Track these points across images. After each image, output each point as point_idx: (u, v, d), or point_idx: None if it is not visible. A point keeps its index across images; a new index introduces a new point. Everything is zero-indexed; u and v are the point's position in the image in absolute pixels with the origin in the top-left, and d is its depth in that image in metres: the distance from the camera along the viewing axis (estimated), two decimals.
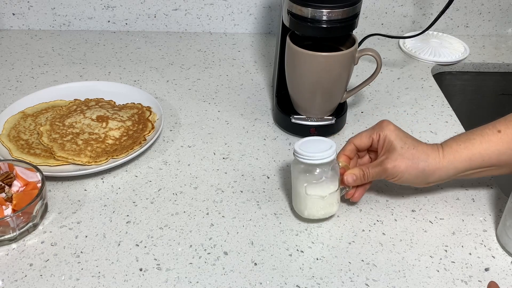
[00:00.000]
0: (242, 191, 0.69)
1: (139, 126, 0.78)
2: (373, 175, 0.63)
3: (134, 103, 0.84)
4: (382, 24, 1.11)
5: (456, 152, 0.60)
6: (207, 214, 0.65)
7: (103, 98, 0.84)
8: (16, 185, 0.62)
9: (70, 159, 0.70)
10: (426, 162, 0.60)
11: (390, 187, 0.70)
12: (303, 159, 0.60)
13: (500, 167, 0.61)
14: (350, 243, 0.62)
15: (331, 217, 0.65)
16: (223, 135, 0.80)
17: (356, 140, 0.65)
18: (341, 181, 0.63)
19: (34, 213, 0.61)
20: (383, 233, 0.63)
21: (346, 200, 0.67)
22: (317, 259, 0.59)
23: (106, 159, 0.71)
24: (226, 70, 0.98)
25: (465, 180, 0.72)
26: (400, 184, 0.68)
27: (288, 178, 0.71)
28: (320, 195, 0.61)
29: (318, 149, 0.60)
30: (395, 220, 0.65)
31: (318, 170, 0.61)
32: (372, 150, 0.66)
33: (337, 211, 0.64)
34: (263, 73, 0.97)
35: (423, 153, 0.61)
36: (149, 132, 0.77)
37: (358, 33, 0.82)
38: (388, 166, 0.61)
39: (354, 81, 0.90)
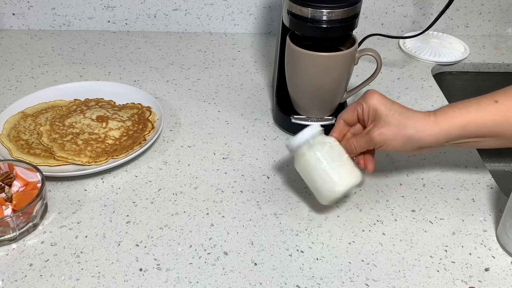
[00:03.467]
0: (242, 191, 0.69)
1: (139, 126, 0.78)
2: (361, 145, 0.62)
3: (134, 103, 0.84)
4: (382, 24, 1.11)
5: (450, 118, 0.58)
6: (207, 214, 0.65)
7: (103, 98, 0.84)
8: (16, 185, 0.62)
9: (70, 159, 0.70)
10: (414, 128, 0.59)
11: (390, 187, 0.70)
12: (297, 140, 0.61)
13: (494, 138, 0.59)
14: (350, 243, 0.62)
15: (331, 216, 0.65)
16: (223, 135, 0.80)
17: (344, 115, 0.65)
18: None
19: (34, 213, 0.61)
20: (383, 233, 0.63)
21: (347, 200, 0.67)
22: (317, 259, 0.59)
23: (106, 159, 0.71)
24: (226, 70, 0.98)
25: (465, 180, 0.72)
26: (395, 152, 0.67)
27: (288, 178, 0.71)
28: (339, 158, 0.60)
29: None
30: (395, 220, 0.65)
31: (320, 139, 0.61)
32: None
33: (362, 179, 0.63)
34: (263, 73, 0.97)
35: (411, 119, 0.59)
36: (149, 132, 0.77)
37: (358, 33, 0.82)
38: (374, 134, 0.60)
39: (354, 81, 0.90)
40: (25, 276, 0.56)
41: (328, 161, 0.60)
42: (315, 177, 0.61)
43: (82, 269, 0.57)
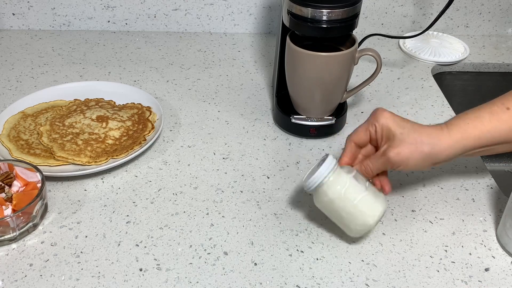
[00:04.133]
0: (242, 191, 0.69)
1: (139, 126, 0.78)
2: (378, 167, 0.60)
3: (134, 103, 0.84)
4: (382, 24, 1.11)
5: (464, 131, 0.57)
6: (207, 214, 0.65)
7: (103, 98, 0.84)
8: (16, 185, 0.62)
9: (70, 159, 0.70)
10: (430, 144, 0.57)
11: None
12: (315, 181, 0.57)
13: (508, 144, 0.58)
14: (350, 243, 0.62)
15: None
16: (223, 135, 0.80)
17: (355, 137, 0.62)
18: None
19: (34, 213, 0.61)
20: (383, 233, 0.63)
21: None
22: (317, 259, 0.59)
23: (106, 159, 0.71)
24: (226, 70, 0.98)
25: (465, 180, 0.72)
26: (408, 171, 0.68)
27: (288, 178, 0.71)
28: (363, 189, 0.57)
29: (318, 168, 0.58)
30: (395, 220, 0.65)
31: (338, 172, 0.58)
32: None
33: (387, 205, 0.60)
34: (263, 73, 0.97)
35: (426, 135, 0.58)
36: (149, 132, 0.77)
37: (358, 33, 0.82)
38: (390, 155, 0.58)
39: (354, 81, 0.90)
40: (25, 276, 0.56)
41: (354, 195, 0.57)
42: (342, 214, 0.58)
43: (82, 269, 0.57)
